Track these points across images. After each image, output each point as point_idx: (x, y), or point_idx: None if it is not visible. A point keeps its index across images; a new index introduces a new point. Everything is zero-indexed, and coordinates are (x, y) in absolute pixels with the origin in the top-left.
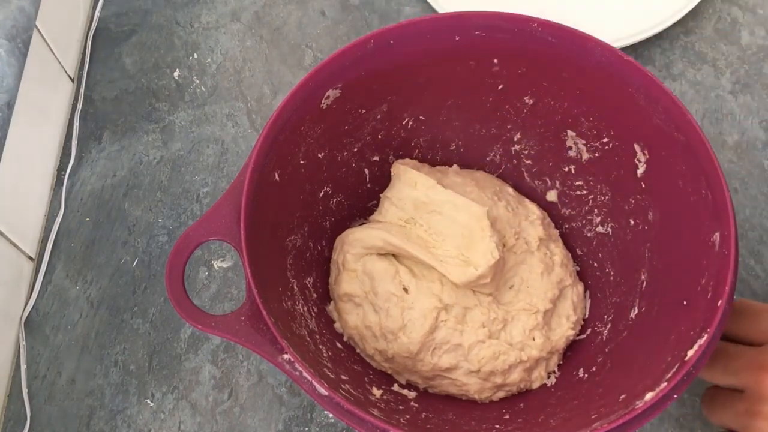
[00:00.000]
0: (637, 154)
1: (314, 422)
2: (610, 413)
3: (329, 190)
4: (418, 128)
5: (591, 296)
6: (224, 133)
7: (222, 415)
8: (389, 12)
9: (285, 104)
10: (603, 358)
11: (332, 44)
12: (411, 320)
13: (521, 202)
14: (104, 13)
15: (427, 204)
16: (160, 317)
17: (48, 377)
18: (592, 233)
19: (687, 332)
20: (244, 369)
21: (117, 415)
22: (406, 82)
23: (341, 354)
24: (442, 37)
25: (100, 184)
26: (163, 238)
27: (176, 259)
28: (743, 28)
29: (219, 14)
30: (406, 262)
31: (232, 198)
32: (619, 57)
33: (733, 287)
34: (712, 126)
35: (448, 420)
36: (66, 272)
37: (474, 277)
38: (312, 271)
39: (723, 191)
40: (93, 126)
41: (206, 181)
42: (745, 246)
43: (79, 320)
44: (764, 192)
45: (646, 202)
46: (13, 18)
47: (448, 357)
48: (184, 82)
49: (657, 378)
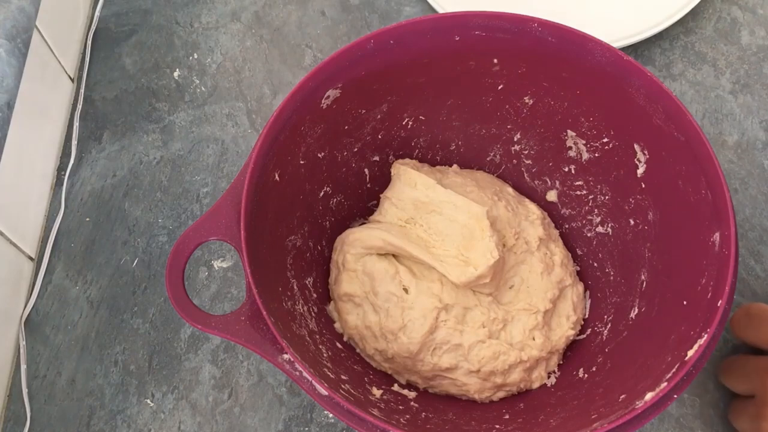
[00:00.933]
0: (637, 154)
1: (314, 422)
2: (610, 413)
3: (329, 190)
4: (418, 128)
5: (591, 296)
6: (224, 133)
7: (222, 415)
8: (389, 12)
9: (285, 104)
10: (603, 358)
11: (332, 44)
12: (411, 320)
13: (521, 202)
14: (104, 13)
15: (427, 204)
16: (160, 317)
17: (48, 377)
18: (592, 233)
19: (687, 332)
20: (244, 369)
21: (117, 415)
22: (406, 82)
23: (341, 354)
24: (442, 37)
25: (100, 184)
26: (163, 238)
27: (176, 259)
28: (743, 28)
29: (219, 14)
30: (406, 262)
31: (232, 198)
32: (619, 57)
33: (733, 287)
34: (712, 126)
35: (448, 420)
36: (66, 272)
37: (473, 277)
38: (312, 271)
39: (723, 191)
40: (93, 126)
41: (206, 181)
42: (745, 246)
43: (79, 320)
44: (764, 192)
45: (646, 202)
46: (13, 18)
47: (448, 357)
48: (184, 82)
49: (657, 378)
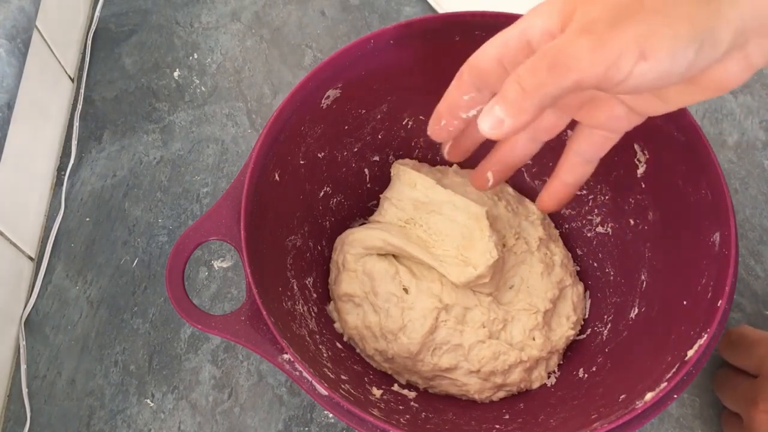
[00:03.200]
0: (637, 154)
1: (314, 422)
2: (610, 413)
3: (329, 190)
4: (418, 128)
5: (591, 296)
6: (224, 133)
7: (222, 415)
8: (389, 12)
9: (285, 104)
10: (603, 358)
11: (332, 44)
12: (411, 320)
13: (521, 202)
14: (104, 13)
15: (427, 204)
16: (160, 317)
17: (48, 377)
18: (592, 233)
19: (687, 332)
20: (244, 369)
21: (117, 415)
22: (406, 82)
23: (341, 354)
24: (442, 37)
25: (100, 184)
26: (163, 238)
27: (176, 259)
28: None
29: (219, 14)
30: (406, 262)
31: (232, 198)
32: None
33: (733, 287)
34: (712, 126)
35: (448, 420)
36: (66, 272)
37: (473, 277)
38: (312, 271)
39: (723, 191)
40: (93, 126)
41: (206, 181)
42: (745, 246)
43: (79, 320)
44: (764, 192)
45: (646, 202)
46: (13, 18)
47: (448, 357)
48: (184, 82)
49: (657, 378)
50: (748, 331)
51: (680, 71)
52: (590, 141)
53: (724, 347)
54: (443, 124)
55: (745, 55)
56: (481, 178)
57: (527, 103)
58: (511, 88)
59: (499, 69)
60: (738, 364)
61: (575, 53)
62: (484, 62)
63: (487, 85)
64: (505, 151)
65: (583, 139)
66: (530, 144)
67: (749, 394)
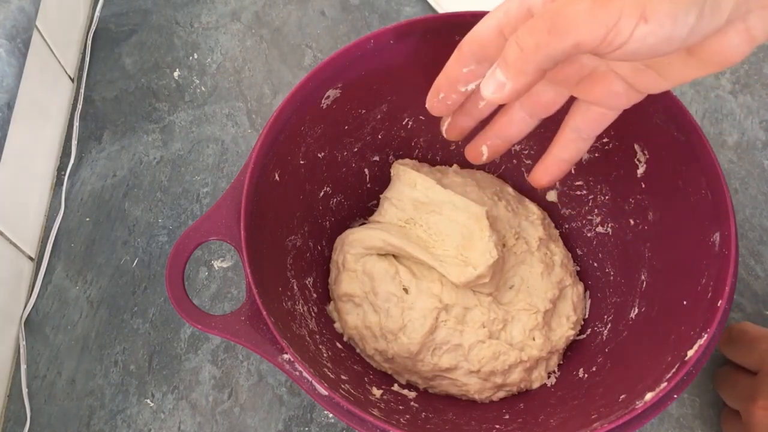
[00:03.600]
0: (637, 154)
1: (314, 422)
2: (610, 413)
3: (329, 190)
4: (418, 128)
5: (591, 296)
6: (224, 133)
7: (222, 415)
8: (389, 12)
9: (285, 104)
10: (603, 358)
11: (332, 44)
12: (411, 320)
13: (521, 202)
14: (104, 13)
15: (427, 204)
16: (160, 317)
17: (48, 377)
18: (592, 233)
19: (687, 332)
20: (244, 369)
21: (117, 415)
22: (406, 82)
23: (341, 354)
24: (442, 37)
25: (100, 184)
26: (163, 238)
27: (176, 259)
28: None
29: (219, 14)
30: (406, 262)
31: (232, 198)
32: None
33: (733, 287)
34: (712, 126)
35: (448, 420)
36: (66, 272)
37: (473, 277)
38: (312, 271)
39: (723, 191)
40: (93, 126)
41: (206, 181)
42: (745, 246)
43: (79, 320)
44: (764, 192)
45: (646, 202)
46: (13, 18)
47: (448, 357)
48: (184, 82)
49: (657, 378)
50: (748, 327)
51: (681, 36)
52: (587, 117)
53: (725, 344)
54: (441, 97)
55: (746, 27)
56: (476, 151)
57: (527, 65)
58: (512, 50)
59: (499, 39)
60: (738, 360)
61: (575, 15)
62: (485, 33)
63: (487, 57)
64: (501, 125)
65: (579, 115)
66: (528, 119)
67: (749, 390)
